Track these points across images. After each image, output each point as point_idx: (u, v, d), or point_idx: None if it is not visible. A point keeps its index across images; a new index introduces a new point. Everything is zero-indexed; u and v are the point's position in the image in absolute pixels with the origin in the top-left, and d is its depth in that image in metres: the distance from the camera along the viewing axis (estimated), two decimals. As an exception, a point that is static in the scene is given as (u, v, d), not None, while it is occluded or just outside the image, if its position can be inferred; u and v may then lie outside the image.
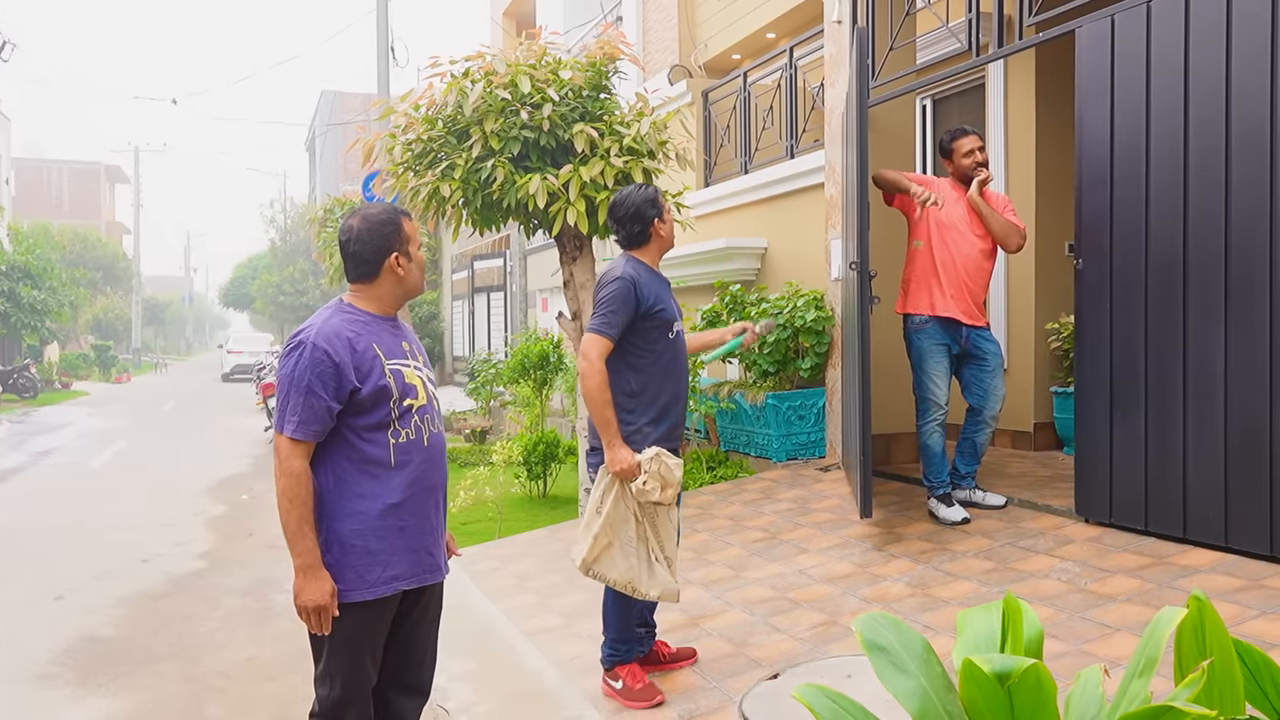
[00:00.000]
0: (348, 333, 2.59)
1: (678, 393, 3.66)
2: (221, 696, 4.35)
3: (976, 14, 5.42)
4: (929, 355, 5.22)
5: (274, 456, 2.56)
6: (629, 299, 3.51)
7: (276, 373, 2.61)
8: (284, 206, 38.64)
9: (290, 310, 35.24)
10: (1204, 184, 4.23)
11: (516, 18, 17.22)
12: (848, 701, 1.49)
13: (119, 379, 32.98)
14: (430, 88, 6.59)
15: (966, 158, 5.26)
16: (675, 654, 3.97)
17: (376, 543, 2.60)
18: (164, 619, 5.52)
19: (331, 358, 2.53)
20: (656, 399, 3.59)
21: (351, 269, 2.70)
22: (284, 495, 2.52)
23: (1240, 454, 4.09)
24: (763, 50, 10.23)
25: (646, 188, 3.74)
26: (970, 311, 5.19)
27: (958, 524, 5.13)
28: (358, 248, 2.67)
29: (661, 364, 3.61)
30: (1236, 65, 4.09)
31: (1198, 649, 1.42)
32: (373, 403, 2.59)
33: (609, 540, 3.49)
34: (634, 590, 3.49)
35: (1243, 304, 4.07)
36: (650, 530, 3.52)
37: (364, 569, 2.59)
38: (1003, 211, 5.26)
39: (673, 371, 3.64)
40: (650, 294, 3.57)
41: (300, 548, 2.53)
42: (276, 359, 16.22)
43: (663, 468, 3.46)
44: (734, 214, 9.16)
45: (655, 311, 3.57)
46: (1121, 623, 3.66)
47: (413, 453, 2.68)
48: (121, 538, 7.67)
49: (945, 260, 5.20)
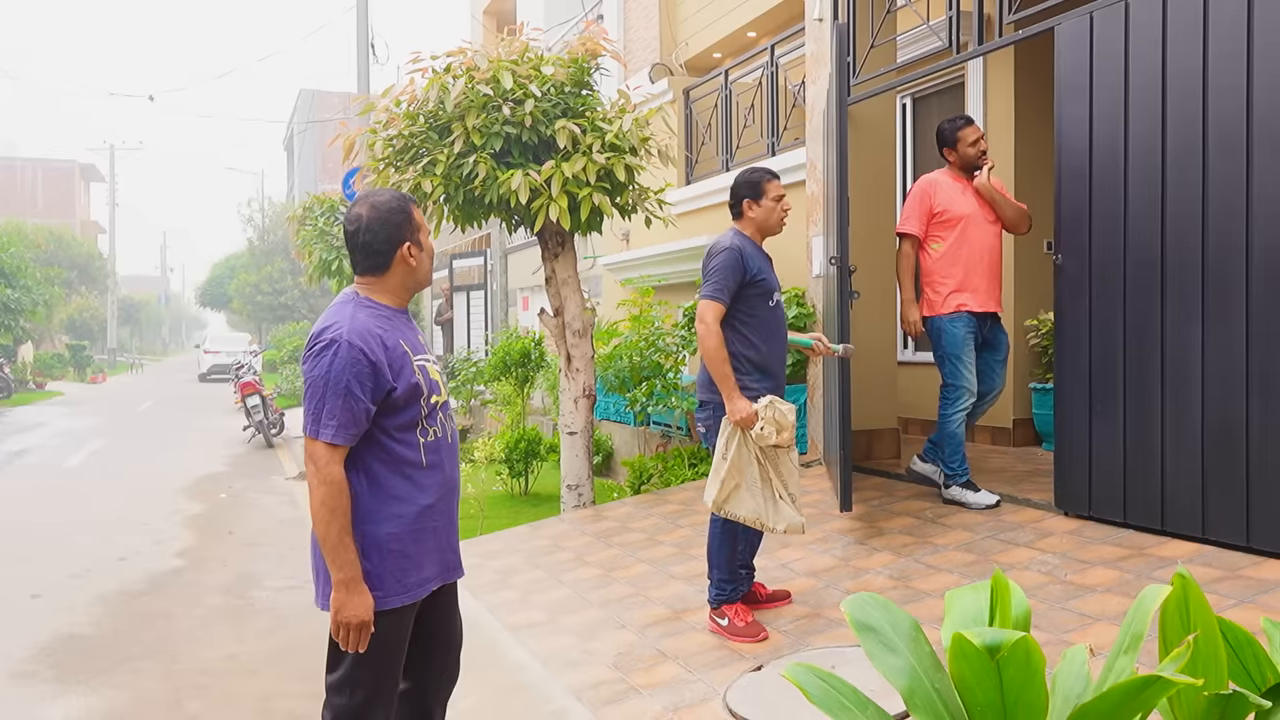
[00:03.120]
0: (377, 329, 2.48)
1: (779, 353, 4.09)
2: (202, 693, 4.32)
3: (957, 12, 5.46)
4: (964, 344, 5.23)
5: (308, 464, 2.41)
6: (737, 267, 3.94)
7: (305, 374, 2.44)
8: (262, 205, 38.37)
9: (268, 310, 34.98)
10: (1181, 181, 4.27)
11: (497, 15, 17.19)
12: (837, 680, 1.50)
13: (94, 379, 32.67)
14: (412, 83, 6.57)
15: (972, 147, 5.29)
16: (772, 594, 4.34)
17: (413, 546, 2.52)
18: (143, 617, 5.48)
19: (367, 356, 2.41)
20: (761, 358, 4.01)
21: (361, 261, 2.56)
22: (324, 505, 2.37)
23: (1217, 446, 4.14)
24: (744, 49, 10.26)
25: (758, 170, 4.19)
26: (995, 298, 5.31)
27: (992, 507, 5.18)
28: (368, 238, 2.53)
29: (766, 328, 4.03)
30: (1213, 64, 4.14)
31: (1182, 626, 1.44)
32: (405, 401, 2.49)
33: (737, 482, 3.87)
34: (762, 525, 3.87)
35: (1219, 299, 4.12)
36: (773, 471, 3.88)
37: (402, 574, 2.51)
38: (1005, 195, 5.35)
39: (775, 335, 4.07)
40: (755, 264, 3.99)
41: (341, 560, 2.38)
42: (254, 358, 16.20)
43: (777, 414, 3.82)
44: (716, 211, 9.18)
45: (759, 280, 3.98)
46: (1101, 613, 3.69)
47: (441, 451, 2.62)
48: (99, 536, 7.61)
49: (970, 254, 5.20)
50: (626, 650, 4.12)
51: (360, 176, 7.35)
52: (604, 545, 5.78)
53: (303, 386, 2.49)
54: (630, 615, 4.53)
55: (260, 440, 14.05)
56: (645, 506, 6.56)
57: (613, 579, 5.13)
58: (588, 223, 6.41)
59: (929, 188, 5.35)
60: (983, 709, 1.37)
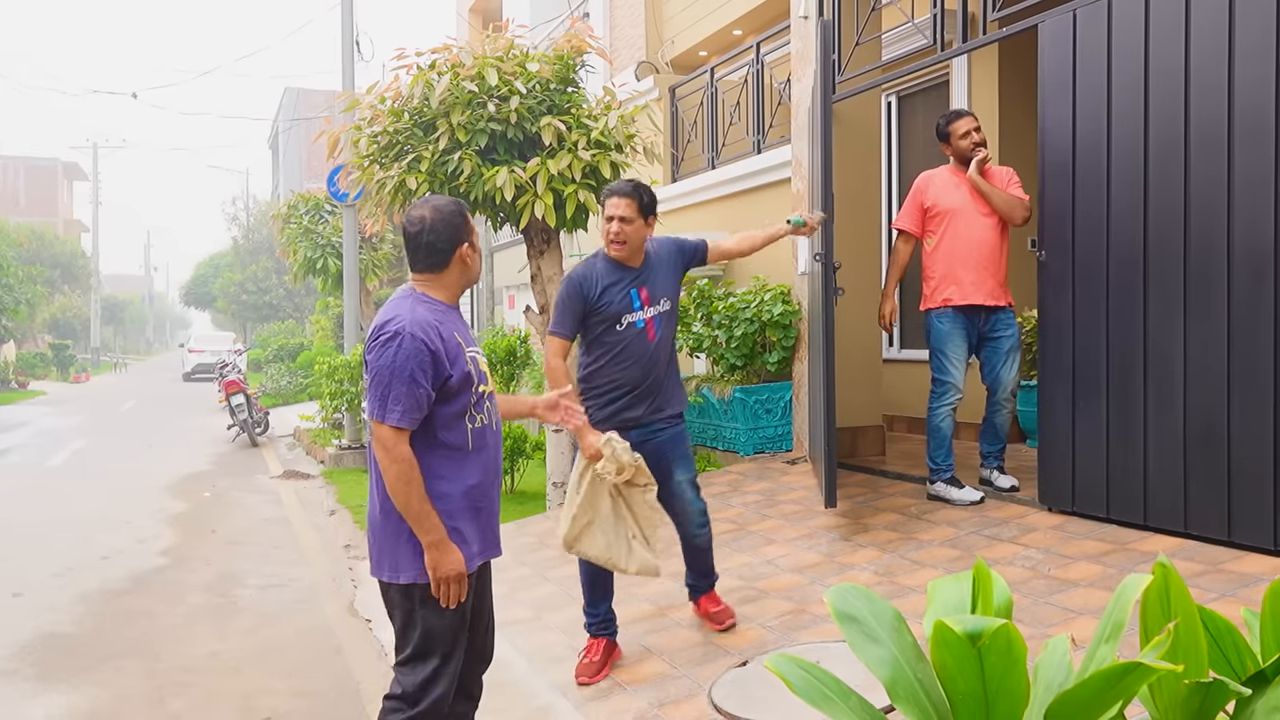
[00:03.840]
0: (435, 321, 2.68)
1: (637, 379, 3.82)
2: (185, 691, 4.30)
3: (941, 10, 5.47)
4: (948, 338, 5.24)
5: (376, 448, 2.61)
6: (574, 296, 3.79)
7: (369, 364, 2.64)
8: (247, 204, 38.18)
9: (253, 309, 34.80)
10: (1164, 179, 4.29)
11: (483, 13, 17.16)
12: (820, 671, 1.50)
13: (77, 379, 32.44)
14: (396, 80, 6.54)
15: (964, 139, 5.26)
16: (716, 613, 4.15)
17: (462, 523, 2.71)
18: (126, 615, 5.44)
19: (428, 346, 2.61)
20: (613, 387, 3.81)
21: (423, 259, 2.76)
22: (399, 481, 2.59)
23: (1199, 442, 4.16)
24: (729, 46, 10.26)
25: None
26: (994, 292, 5.19)
27: (975, 503, 5.20)
28: (431, 238, 2.73)
29: (616, 355, 3.80)
30: (1195, 63, 4.16)
31: (1163, 614, 1.45)
32: (459, 389, 2.69)
33: (589, 519, 3.63)
34: (614, 565, 3.63)
35: (1201, 296, 4.14)
36: (627, 508, 3.66)
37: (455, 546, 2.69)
38: (1006, 185, 5.27)
39: (629, 361, 3.81)
40: (599, 289, 3.78)
41: (427, 525, 2.61)
42: (239, 357, 16.11)
43: (613, 451, 3.59)
44: (701, 209, 9.19)
45: (600, 307, 3.78)
46: (1084, 607, 3.71)
47: (487, 437, 2.81)
48: (81, 535, 7.55)
49: (960, 248, 5.20)
50: (612, 646, 4.11)
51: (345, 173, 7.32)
52: (589, 542, 5.77)
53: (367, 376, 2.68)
54: (616, 611, 4.52)
55: (245, 439, 13.97)
56: (631, 504, 6.54)
57: (598, 576, 5.12)
58: (573, 220, 6.40)
59: (924, 183, 5.40)
60: (965, 698, 1.37)
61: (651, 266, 3.91)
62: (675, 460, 3.97)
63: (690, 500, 4.02)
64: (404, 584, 2.68)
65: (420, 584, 2.67)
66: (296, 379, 20.82)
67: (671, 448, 3.96)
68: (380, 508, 2.71)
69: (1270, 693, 1.46)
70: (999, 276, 5.23)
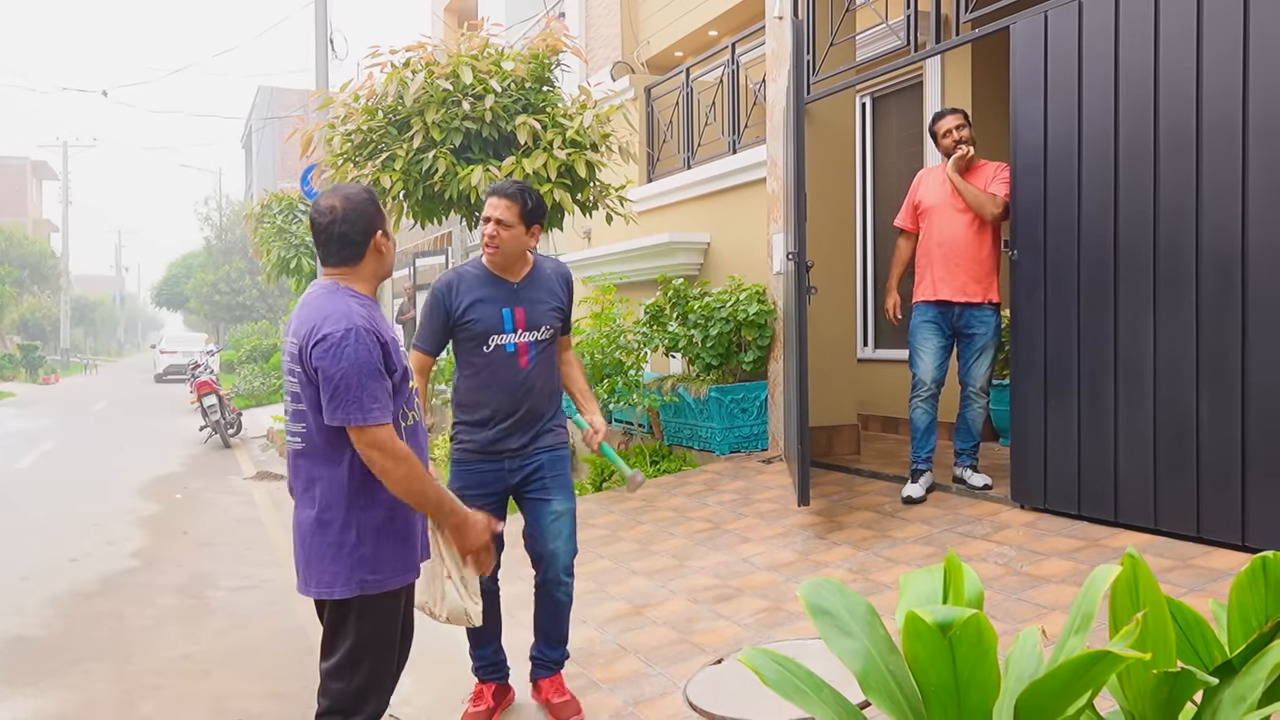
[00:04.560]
0: (371, 315, 2.53)
1: (503, 404, 3.37)
2: (155, 694, 4.25)
3: (915, 11, 5.50)
4: (918, 332, 5.31)
5: (371, 451, 2.43)
6: (437, 307, 3.39)
7: (326, 369, 2.42)
8: (220, 204, 37.88)
9: (226, 310, 34.54)
10: (1134, 180, 4.33)
11: (458, 13, 17.09)
12: (793, 664, 1.50)
13: (46, 380, 32.06)
14: (370, 78, 6.51)
15: (945, 138, 5.33)
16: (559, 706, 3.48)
17: (404, 527, 2.59)
18: (95, 618, 5.38)
19: (380, 339, 2.49)
20: (477, 410, 3.41)
21: (336, 251, 2.58)
22: (409, 478, 2.47)
23: (1168, 439, 4.21)
24: (705, 47, 10.28)
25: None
26: (963, 288, 5.20)
27: (914, 500, 5.27)
28: (344, 228, 2.56)
29: (481, 377, 3.39)
30: (1164, 67, 4.20)
31: (1132, 605, 1.46)
32: (399, 385, 2.57)
33: None
34: (428, 611, 2.94)
35: (1171, 296, 4.19)
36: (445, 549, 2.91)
37: (397, 556, 2.57)
38: (989, 182, 5.25)
39: (494, 385, 3.36)
40: (466, 300, 3.35)
41: (446, 509, 2.60)
42: (211, 358, 15.96)
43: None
44: (677, 209, 9.19)
45: (466, 322, 3.36)
46: (1056, 603, 3.74)
47: (419, 435, 2.71)
48: (50, 537, 7.46)
49: (932, 244, 5.29)
50: (586, 645, 4.11)
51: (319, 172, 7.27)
52: (565, 542, 5.76)
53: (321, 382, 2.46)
54: (590, 611, 4.52)
55: (217, 441, 13.85)
56: (606, 503, 6.55)
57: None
58: (549, 219, 6.39)
59: (917, 181, 5.54)
60: (936, 688, 1.38)
61: (534, 287, 3.43)
62: (552, 485, 3.45)
63: (562, 539, 3.45)
64: (338, 600, 2.52)
65: (357, 599, 2.51)
66: (270, 380, 20.67)
67: (549, 468, 3.45)
68: (317, 519, 2.51)
69: (1237, 682, 1.48)
70: (973, 272, 5.23)
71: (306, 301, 2.58)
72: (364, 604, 2.53)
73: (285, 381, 2.60)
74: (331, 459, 2.50)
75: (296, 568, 2.60)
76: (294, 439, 2.56)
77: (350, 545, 2.50)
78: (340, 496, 2.50)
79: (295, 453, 2.57)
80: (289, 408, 2.59)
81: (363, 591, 2.50)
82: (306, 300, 2.59)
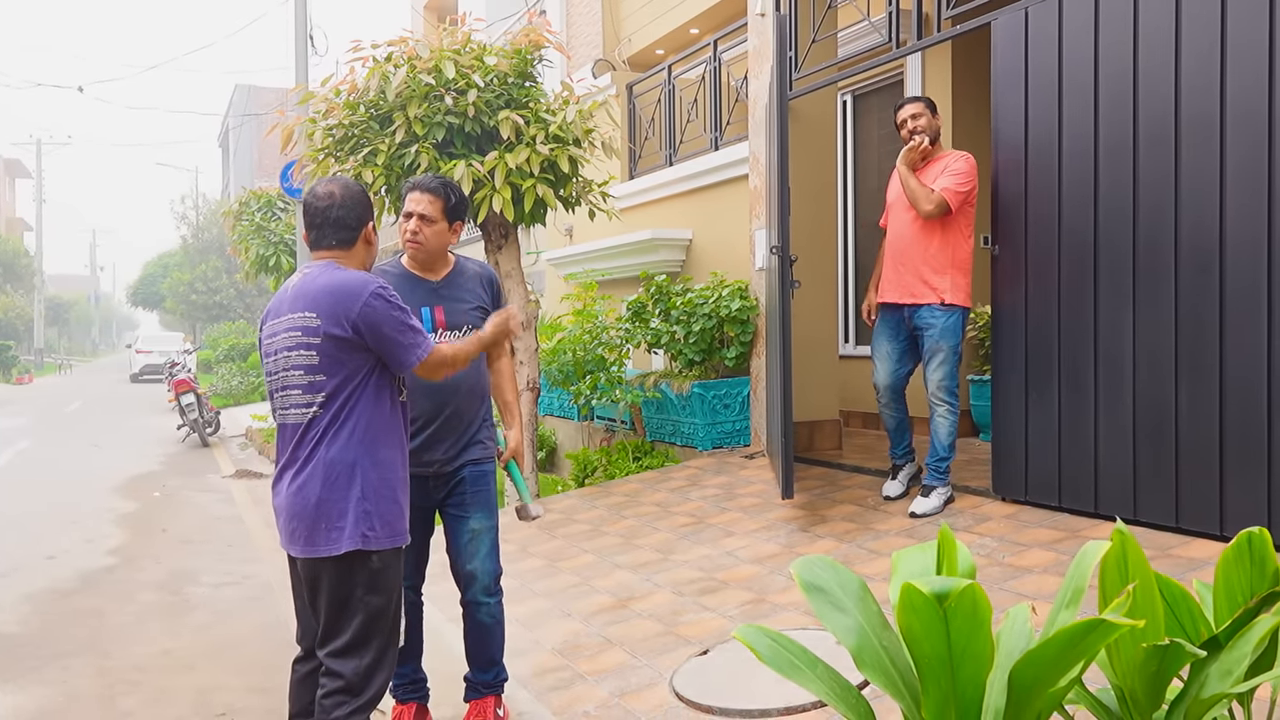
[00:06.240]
0: None
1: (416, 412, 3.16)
2: (136, 689, 4.21)
3: (896, 8, 5.54)
4: (874, 336, 5.28)
5: (438, 370, 2.76)
6: None
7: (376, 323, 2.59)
8: (196, 202, 37.57)
9: (203, 309, 34.25)
10: (1114, 175, 4.38)
11: (438, 10, 17.06)
12: (787, 640, 1.51)
13: (20, 380, 31.72)
14: (352, 72, 6.48)
15: (901, 128, 5.11)
16: None
17: (400, 492, 2.73)
18: (74, 615, 5.33)
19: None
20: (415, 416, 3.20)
21: (331, 234, 2.70)
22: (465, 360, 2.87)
23: (1147, 431, 4.25)
24: (687, 44, 10.30)
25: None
26: (910, 289, 4.96)
27: (894, 498, 5.28)
28: (342, 213, 2.70)
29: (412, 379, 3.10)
30: (1143, 62, 4.25)
31: (1121, 580, 1.48)
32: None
33: None
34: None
35: (1150, 288, 4.23)
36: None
37: (392, 518, 2.69)
38: (939, 175, 4.92)
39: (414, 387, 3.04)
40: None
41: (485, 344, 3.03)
42: (188, 357, 15.83)
43: None
44: (659, 206, 9.21)
45: None
46: (1038, 592, 3.77)
47: (406, 415, 2.83)
48: (26, 535, 7.38)
49: (887, 241, 5.18)
50: (572, 638, 4.11)
51: (299, 167, 7.23)
52: (548, 537, 5.76)
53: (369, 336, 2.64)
54: (576, 604, 4.52)
55: (195, 439, 13.74)
56: (589, 499, 6.55)
57: (558, 569, 5.12)
58: (531, 214, 6.39)
59: (891, 178, 5.27)
60: (930, 661, 1.39)
61: (455, 286, 3.32)
62: (472, 502, 3.33)
63: (479, 559, 3.33)
64: (343, 554, 2.58)
65: (362, 552, 2.59)
66: (249, 379, 20.53)
67: (470, 484, 3.33)
68: (323, 482, 2.59)
69: (1224, 656, 1.50)
70: (919, 272, 4.94)
71: (310, 279, 2.65)
72: (371, 577, 2.63)
73: (282, 359, 2.65)
74: (346, 420, 2.62)
75: (294, 538, 2.66)
76: (302, 410, 2.63)
77: (356, 499, 2.61)
78: (349, 455, 2.61)
79: (303, 424, 2.64)
80: (297, 383, 2.63)
81: (365, 546, 2.60)
82: (309, 278, 2.65)
